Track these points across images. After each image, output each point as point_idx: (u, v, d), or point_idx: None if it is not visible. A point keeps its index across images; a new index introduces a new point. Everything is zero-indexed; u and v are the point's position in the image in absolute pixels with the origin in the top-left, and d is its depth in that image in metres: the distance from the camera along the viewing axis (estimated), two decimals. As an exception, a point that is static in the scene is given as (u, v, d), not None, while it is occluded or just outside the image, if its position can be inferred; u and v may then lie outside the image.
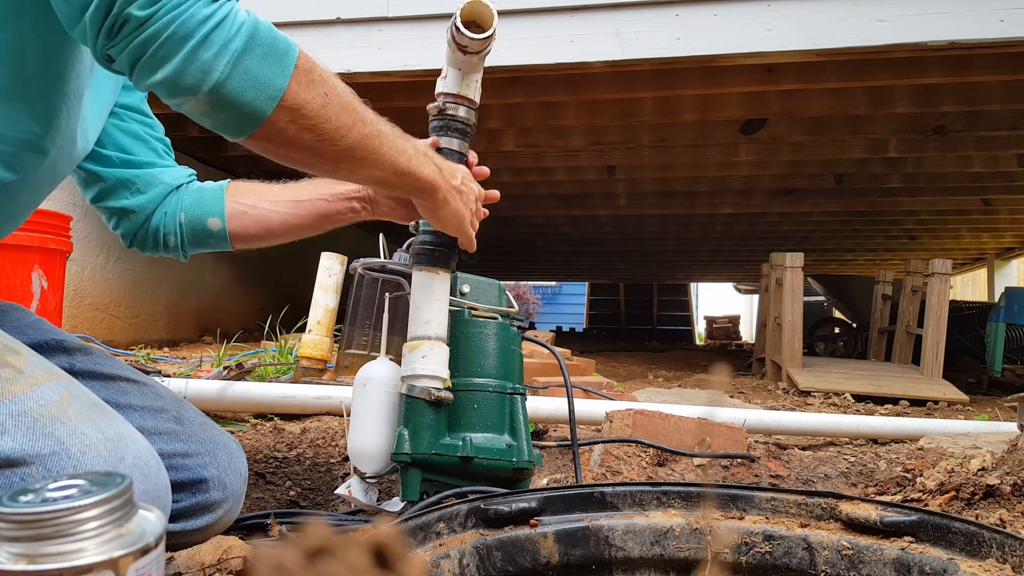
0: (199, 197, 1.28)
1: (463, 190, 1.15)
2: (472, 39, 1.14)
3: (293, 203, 1.29)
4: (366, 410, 1.28)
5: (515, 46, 3.18)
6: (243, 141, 0.88)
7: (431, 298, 1.21)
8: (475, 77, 1.23)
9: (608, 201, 6.83)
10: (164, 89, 0.81)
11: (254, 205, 1.29)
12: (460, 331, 1.25)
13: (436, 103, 1.23)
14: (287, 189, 1.31)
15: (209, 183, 1.32)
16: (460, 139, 1.23)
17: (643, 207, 7.03)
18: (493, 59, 3.19)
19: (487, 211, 1.28)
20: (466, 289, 1.30)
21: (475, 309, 1.27)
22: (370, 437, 1.26)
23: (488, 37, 1.15)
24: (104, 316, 4.59)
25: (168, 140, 1.31)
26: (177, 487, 1.06)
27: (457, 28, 1.14)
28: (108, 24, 0.78)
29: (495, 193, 1.29)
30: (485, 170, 1.29)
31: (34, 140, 0.96)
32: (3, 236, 1.04)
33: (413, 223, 1.29)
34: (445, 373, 1.21)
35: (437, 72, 1.24)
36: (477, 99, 1.24)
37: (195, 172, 1.33)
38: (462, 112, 1.22)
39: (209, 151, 5.43)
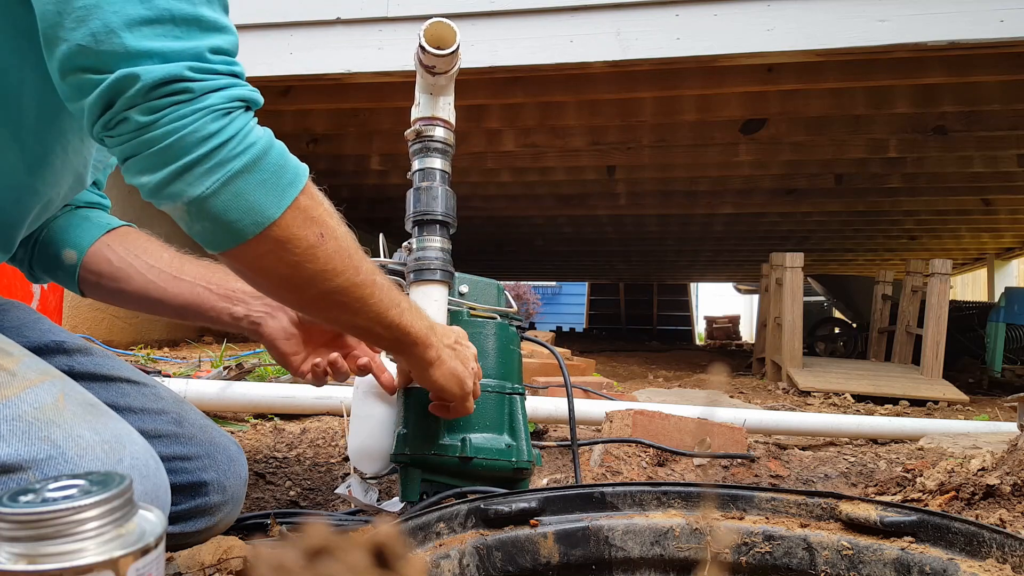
0: (75, 223, 1.14)
1: (458, 348, 1.07)
2: (437, 56, 1.17)
3: (170, 277, 1.11)
4: (366, 411, 1.28)
5: (515, 46, 3.18)
6: (217, 255, 0.83)
7: (429, 299, 1.21)
8: (447, 99, 1.26)
9: (608, 201, 6.83)
10: (145, 191, 0.77)
11: (123, 258, 1.11)
12: None
13: (412, 128, 1.25)
14: (176, 260, 1.13)
15: (104, 217, 1.17)
16: (441, 158, 1.25)
17: (643, 207, 7.04)
18: (493, 59, 3.21)
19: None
20: (464, 289, 1.30)
21: (474, 309, 1.28)
22: (370, 437, 1.26)
23: (452, 54, 1.18)
24: (104, 316, 4.59)
25: (106, 174, 1.21)
26: (176, 490, 1.05)
27: (422, 48, 1.17)
28: (106, 118, 0.74)
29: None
30: None
31: (23, 179, 0.93)
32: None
33: (405, 243, 1.27)
34: (444, 373, 1.21)
35: (437, 72, 1.25)
36: (452, 120, 1.26)
37: (109, 205, 1.21)
38: (439, 132, 1.24)
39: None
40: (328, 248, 0.83)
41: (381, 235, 1.42)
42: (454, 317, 1.26)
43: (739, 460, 2.00)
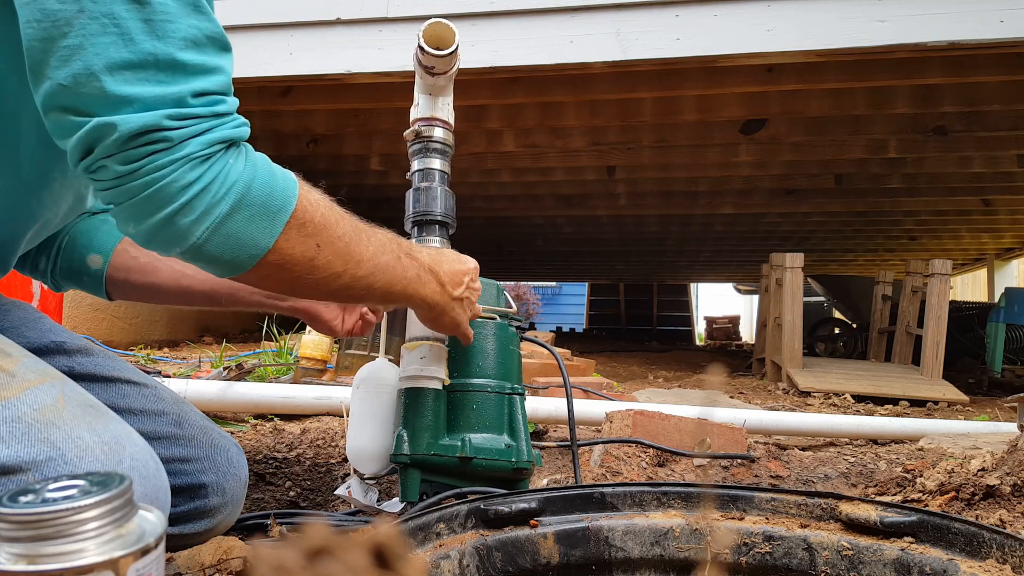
0: (95, 227, 1.16)
1: (464, 297, 1.11)
2: (436, 56, 1.17)
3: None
4: (365, 411, 1.28)
5: (516, 47, 3.18)
6: None
7: None
8: (446, 100, 1.27)
9: (608, 201, 6.83)
10: (138, 240, 0.78)
11: (148, 253, 1.15)
12: None
13: (412, 128, 1.26)
14: None
15: None
16: (440, 158, 1.26)
17: (643, 207, 7.04)
18: (494, 59, 3.21)
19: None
20: None
21: (474, 310, 1.28)
22: (369, 438, 1.26)
23: (451, 54, 1.18)
24: (104, 316, 4.59)
25: None
26: (176, 492, 1.05)
27: (422, 49, 1.17)
28: (86, 163, 0.73)
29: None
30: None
31: (20, 201, 0.93)
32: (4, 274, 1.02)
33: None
34: (444, 373, 1.21)
35: (437, 73, 1.25)
36: (451, 121, 1.27)
37: None
38: (438, 133, 1.25)
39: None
40: (326, 255, 0.85)
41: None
42: None
43: (739, 460, 2.00)
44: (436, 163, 1.25)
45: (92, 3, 0.70)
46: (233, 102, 0.79)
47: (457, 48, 1.18)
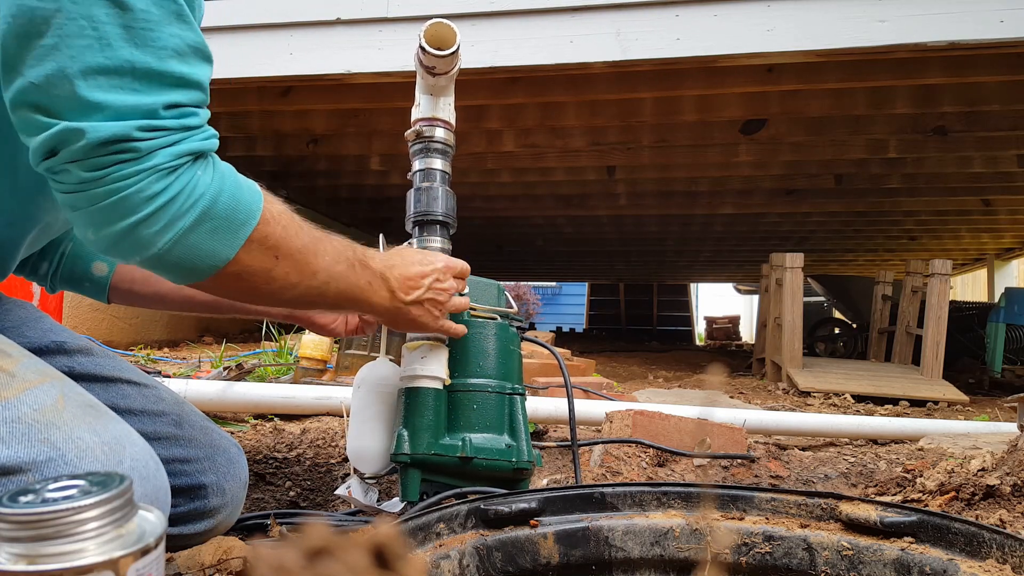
0: None
1: (423, 300, 1.09)
2: (437, 56, 1.17)
3: None
4: (365, 411, 1.28)
5: (516, 47, 3.18)
6: None
7: None
8: (447, 100, 1.27)
9: (608, 201, 6.83)
10: (98, 247, 0.78)
11: None
12: None
13: (413, 128, 1.26)
14: None
15: None
16: (442, 159, 1.26)
17: (643, 207, 7.04)
18: (494, 59, 3.20)
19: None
20: (465, 290, 1.30)
21: (474, 310, 1.28)
22: (369, 438, 1.26)
23: (452, 54, 1.18)
24: (104, 317, 4.59)
25: None
26: (176, 492, 1.05)
27: (423, 49, 1.17)
28: (48, 164, 0.72)
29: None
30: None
31: (17, 206, 0.93)
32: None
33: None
34: (444, 373, 1.21)
35: (437, 73, 1.25)
36: (453, 121, 1.27)
37: None
38: (439, 133, 1.26)
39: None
40: (284, 267, 0.86)
41: (381, 235, 1.42)
42: (454, 318, 1.26)
43: (739, 460, 2.00)
44: (437, 163, 1.26)
45: (72, 3, 0.69)
46: (205, 114, 0.79)
47: (458, 48, 1.18)
